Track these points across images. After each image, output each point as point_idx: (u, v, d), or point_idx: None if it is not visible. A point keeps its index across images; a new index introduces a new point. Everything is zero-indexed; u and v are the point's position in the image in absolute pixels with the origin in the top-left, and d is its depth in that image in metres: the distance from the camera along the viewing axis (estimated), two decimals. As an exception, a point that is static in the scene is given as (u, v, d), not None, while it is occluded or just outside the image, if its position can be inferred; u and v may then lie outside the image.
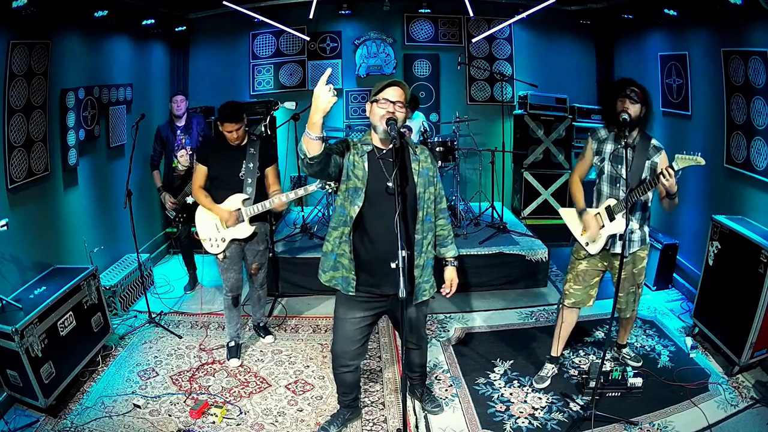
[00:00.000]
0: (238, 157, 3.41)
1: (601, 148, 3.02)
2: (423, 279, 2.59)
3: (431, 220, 2.57)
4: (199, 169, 3.47)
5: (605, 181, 3.02)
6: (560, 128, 5.95)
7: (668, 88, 4.77)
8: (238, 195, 3.41)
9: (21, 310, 3.04)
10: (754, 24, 3.55)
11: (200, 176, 3.47)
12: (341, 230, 2.51)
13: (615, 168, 2.95)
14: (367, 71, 6.29)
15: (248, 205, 3.42)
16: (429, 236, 2.57)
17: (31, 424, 3.03)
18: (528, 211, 6.06)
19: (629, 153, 2.81)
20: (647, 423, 2.95)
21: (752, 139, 3.66)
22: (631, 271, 3.09)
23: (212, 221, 3.48)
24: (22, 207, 3.48)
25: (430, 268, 2.64)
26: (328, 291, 2.58)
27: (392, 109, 2.34)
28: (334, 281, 2.58)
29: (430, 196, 2.54)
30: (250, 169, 3.41)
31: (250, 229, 3.45)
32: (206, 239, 3.51)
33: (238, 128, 3.33)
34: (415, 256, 2.52)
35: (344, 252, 2.51)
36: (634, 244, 3.04)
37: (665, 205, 2.92)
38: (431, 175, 2.54)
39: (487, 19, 6.20)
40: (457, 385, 3.39)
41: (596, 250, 3.09)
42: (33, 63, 3.49)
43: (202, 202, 3.47)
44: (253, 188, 3.43)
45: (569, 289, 3.24)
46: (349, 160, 2.44)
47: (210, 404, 3.17)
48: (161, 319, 4.23)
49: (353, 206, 2.43)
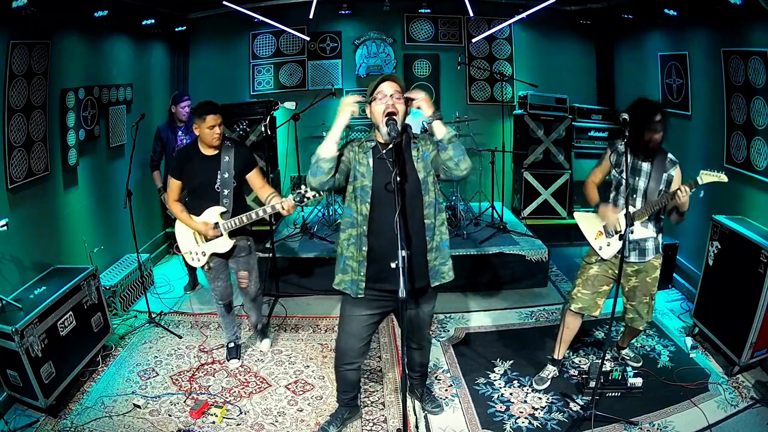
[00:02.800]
0: (212, 167, 3.23)
1: (620, 161, 3.00)
2: (439, 261, 2.56)
3: (438, 201, 2.54)
4: (172, 183, 3.31)
5: (623, 192, 3.00)
6: (560, 128, 5.94)
7: (668, 88, 4.77)
8: (215, 208, 3.25)
9: (21, 310, 3.04)
10: (754, 24, 3.55)
11: (174, 190, 3.32)
12: (348, 232, 2.51)
13: (634, 180, 2.97)
14: (367, 71, 6.29)
15: (226, 218, 3.26)
16: (440, 217, 2.55)
17: (31, 424, 3.03)
18: (528, 211, 6.05)
19: (647, 165, 2.92)
20: (647, 423, 2.95)
21: (752, 139, 3.66)
22: (645, 279, 3.08)
23: (191, 235, 3.36)
24: (22, 207, 3.48)
25: (447, 249, 2.61)
26: (328, 291, 2.57)
27: (391, 102, 2.35)
28: (343, 285, 2.58)
29: (434, 179, 2.51)
30: (226, 179, 3.23)
31: (229, 243, 3.30)
32: (187, 252, 3.40)
33: (220, 123, 3.16)
34: (428, 240, 2.51)
35: (352, 254, 2.51)
36: (648, 252, 3.03)
37: (673, 220, 2.98)
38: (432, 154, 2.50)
39: (487, 19, 6.20)
40: (457, 385, 3.39)
41: (609, 255, 3.05)
42: (33, 63, 3.49)
43: (178, 216, 3.32)
44: (230, 199, 3.25)
45: (577, 294, 3.18)
46: (355, 160, 2.45)
47: (210, 404, 3.17)
48: (161, 319, 4.23)
49: (363, 204, 2.43)
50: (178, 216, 3.33)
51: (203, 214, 3.28)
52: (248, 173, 3.33)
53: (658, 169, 2.93)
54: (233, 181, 3.26)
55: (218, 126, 3.17)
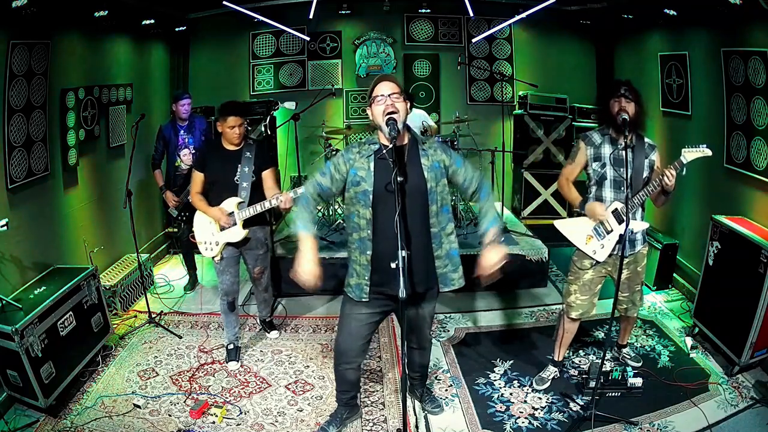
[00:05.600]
0: (233, 161, 3.40)
1: (599, 153, 2.95)
2: (449, 269, 2.58)
3: (448, 210, 2.55)
4: (195, 176, 3.47)
5: (608, 186, 2.94)
6: (560, 128, 5.95)
7: (668, 88, 4.77)
8: (232, 198, 3.39)
9: (21, 310, 3.04)
10: (754, 24, 3.54)
11: (197, 183, 3.47)
12: (354, 237, 2.52)
13: (618, 171, 2.90)
14: (367, 71, 6.29)
15: (242, 208, 3.40)
16: (448, 227, 2.57)
17: (31, 424, 3.03)
18: (528, 211, 6.06)
19: (629, 154, 2.81)
20: (647, 423, 2.95)
21: (752, 139, 3.66)
22: (636, 269, 3.08)
23: (208, 225, 3.48)
24: (22, 207, 3.48)
25: (457, 258, 2.62)
26: (328, 291, 2.57)
27: (390, 102, 2.35)
28: (348, 288, 2.60)
29: (444, 188, 2.51)
30: (245, 173, 3.40)
31: (242, 233, 3.42)
32: (202, 242, 3.52)
33: (241, 123, 3.34)
34: (435, 247, 2.53)
35: (356, 258, 2.52)
36: (637, 243, 3.03)
37: (659, 203, 2.94)
38: (444, 166, 2.50)
39: (487, 19, 6.21)
40: (457, 385, 3.39)
41: (604, 256, 3.00)
42: (33, 63, 3.49)
43: (198, 206, 3.48)
44: (248, 192, 3.40)
45: (575, 301, 3.14)
46: (354, 168, 2.45)
47: (210, 404, 3.17)
48: (161, 319, 4.23)
49: (366, 209, 2.43)
50: (197, 204, 3.49)
51: (221, 205, 3.42)
52: (265, 171, 3.49)
53: (639, 156, 2.89)
54: (252, 175, 3.42)
55: (239, 126, 3.34)
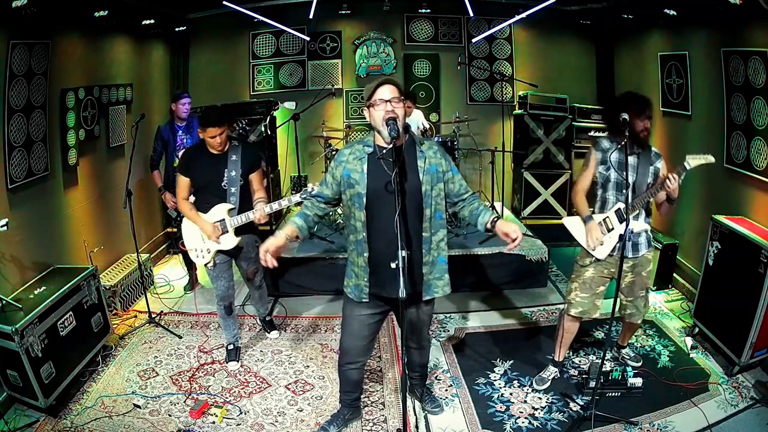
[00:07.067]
0: (219, 165, 3.30)
1: (606, 158, 3.00)
2: (434, 276, 2.56)
3: (441, 216, 2.52)
4: (181, 181, 3.36)
5: (612, 188, 3.01)
6: (560, 128, 5.95)
7: (668, 88, 4.77)
8: (223, 205, 3.31)
9: (21, 310, 3.04)
10: (754, 24, 3.54)
11: (183, 188, 3.37)
12: (351, 239, 2.53)
13: (622, 175, 2.95)
14: (367, 71, 6.29)
15: (233, 215, 3.32)
16: (440, 233, 2.53)
17: (31, 424, 3.03)
18: (528, 211, 6.05)
19: (633, 159, 2.90)
20: (647, 423, 2.95)
21: (752, 139, 3.66)
22: (641, 274, 3.08)
23: (197, 232, 3.40)
24: (22, 207, 3.48)
25: (443, 265, 2.59)
26: (328, 291, 2.58)
27: (390, 108, 2.33)
28: (348, 289, 2.61)
29: (439, 193, 2.48)
30: (233, 178, 3.30)
31: (235, 240, 3.36)
32: (192, 250, 3.45)
33: (221, 132, 3.21)
34: (424, 253, 2.50)
35: (354, 260, 2.53)
36: (641, 247, 3.03)
37: (664, 211, 2.99)
38: (441, 171, 2.48)
39: (487, 19, 6.20)
40: (457, 385, 3.39)
41: (604, 254, 3.03)
42: (33, 63, 3.49)
43: (187, 214, 3.38)
44: (237, 197, 3.32)
45: (575, 298, 3.15)
46: (346, 170, 2.45)
47: (210, 404, 3.17)
48: (161, 319, 4.23)
49: (360, 211, 2.43)
50: (187, 214, 3.39)
51: (211, 211, 3.34)
52: (252, 173, 3.40)
53: (644, 163, 2.93)
54: (240, 179, 3.33)
55: (219, 135, 3.23)
